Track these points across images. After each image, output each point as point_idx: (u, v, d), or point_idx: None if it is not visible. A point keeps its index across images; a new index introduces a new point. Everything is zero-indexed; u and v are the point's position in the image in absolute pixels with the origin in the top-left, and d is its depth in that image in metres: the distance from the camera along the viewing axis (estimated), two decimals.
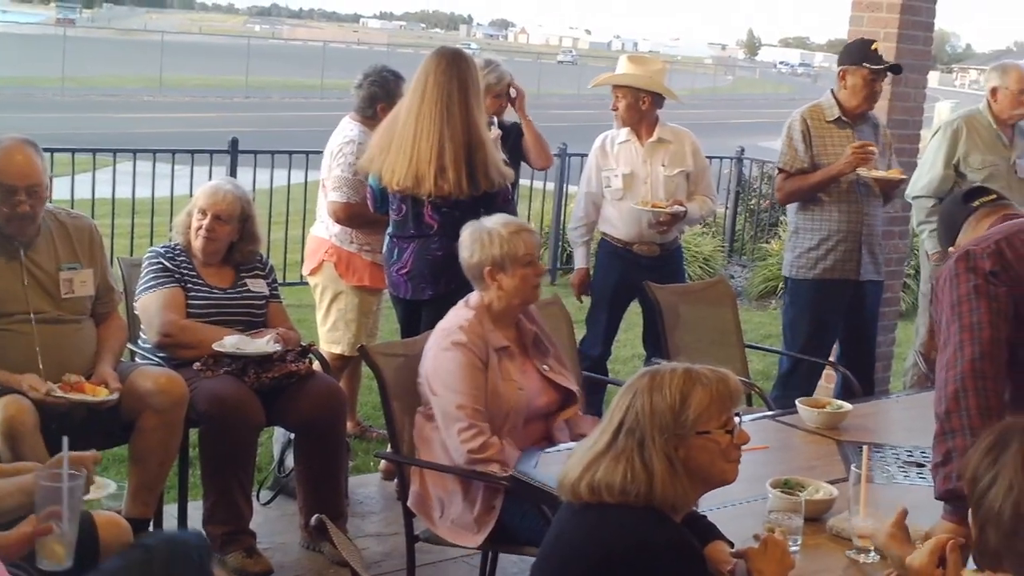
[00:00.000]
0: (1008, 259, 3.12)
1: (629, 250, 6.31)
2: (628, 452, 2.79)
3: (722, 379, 2.89)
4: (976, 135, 6.73)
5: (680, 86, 63.19)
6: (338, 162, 6.00)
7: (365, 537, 5.27)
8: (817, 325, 6.32)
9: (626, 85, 6.24)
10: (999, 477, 2.33)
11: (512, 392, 4.24)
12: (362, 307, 6.18)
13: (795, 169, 6.22)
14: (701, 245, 11.82)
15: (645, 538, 2.73)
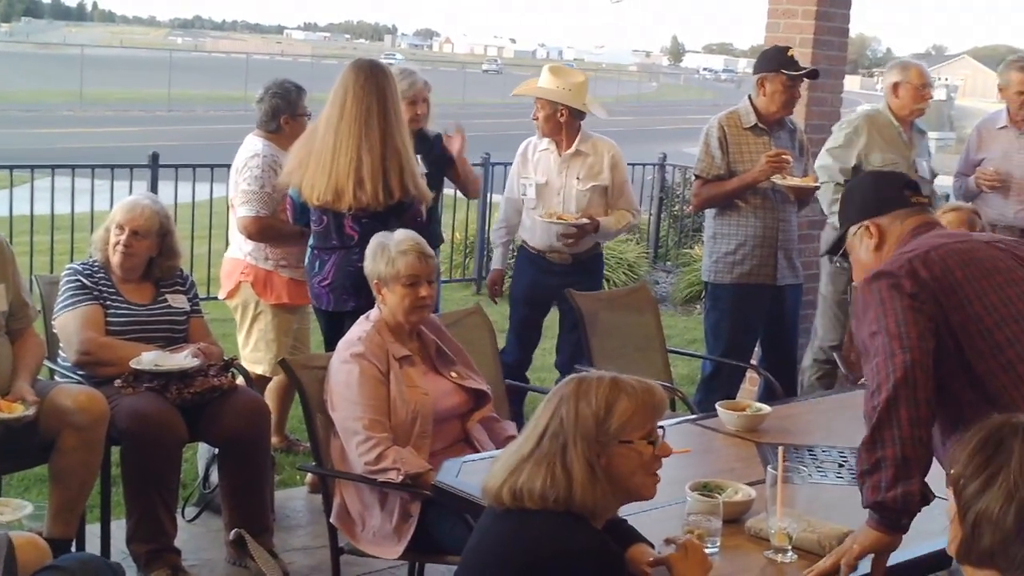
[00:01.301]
0: (923, 278, 3.11)
1: (543, 257, 6.35)
2: (551, 458, 2.81)
3: (648, 390, 2.91)
4: (877, 133, 6.80)
5: (605, 93, 63.61)
6: (244, 176, 5.95)
7: (292, 551, 5.25)
8: (738, 329, 6.39)
9: (544, 97, 6.26)
10: (998, 478, 2.34)
11: (417, 397, 4.28)
12: (282, 326, 6.14)
13: (711, 176, 6.29)
14: (625, 252, 11.86)
15: (564, 544, 2.75)
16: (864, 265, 3.43)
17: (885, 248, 3.39)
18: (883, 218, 3.43)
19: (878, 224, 3.41)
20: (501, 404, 5.02)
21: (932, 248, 3.20)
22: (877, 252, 3.40)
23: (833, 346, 6.94)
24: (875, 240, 3.42)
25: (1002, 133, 7.25)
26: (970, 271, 3.16)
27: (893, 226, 3.40)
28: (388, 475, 4.10)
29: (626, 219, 6.38)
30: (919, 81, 6.82)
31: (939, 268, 3.14)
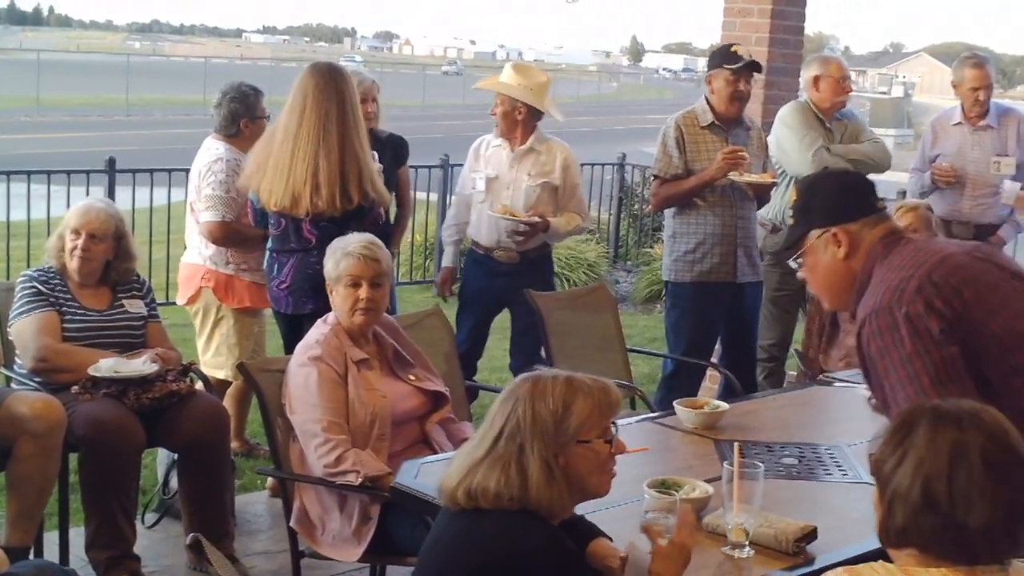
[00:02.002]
0: (940, 310, 3.01)
1: (490, 256, 6.35)
2: (507, 458, 2.82)
3: (603, 389, 2.92)
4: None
5: (565, 94, 63.65)
6: (208, 181, 5.93)
7: (253, 555, 5.24)
8: (698, 327, 6.41)
9: (504, 93, 6.28)
10: (907, 456, 2.40)
11: (375, 400, 4.29)
12: (243, 330, 6.13)
13: (669, 175, 6.31)
14: (585, 251, 11.90)
15: (519, 543, 2.76)
16: (827, 273, 3.37)
17: (855, 258, 3.31)
18: (852, 225, 3.32)
19: (848, 232, 3.32)
20: (460, 405, 5.02)
21: (932, 270, 3.10)
22: (846, 261, 3.32)
23: (772, 344, 6.96)
24: (844, 249, 3.32)
25: (956, 129, 7.31)
26: (975, 289, 3.09)
27: (863, 234, 3.31)
28: (347, 477, 4.10)
29: (575, 222, 6.38)
30: (839, 74, 6.86)
31: (949, 292, 3.05)
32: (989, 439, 2.39)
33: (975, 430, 2.40)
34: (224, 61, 71.56)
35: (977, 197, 7.17)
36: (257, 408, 6.44)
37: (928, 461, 2.37)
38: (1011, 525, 2.38)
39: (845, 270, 3.32)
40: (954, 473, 2.35)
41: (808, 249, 3.39)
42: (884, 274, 3.18)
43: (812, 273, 3.42)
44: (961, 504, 2.34)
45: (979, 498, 2.34)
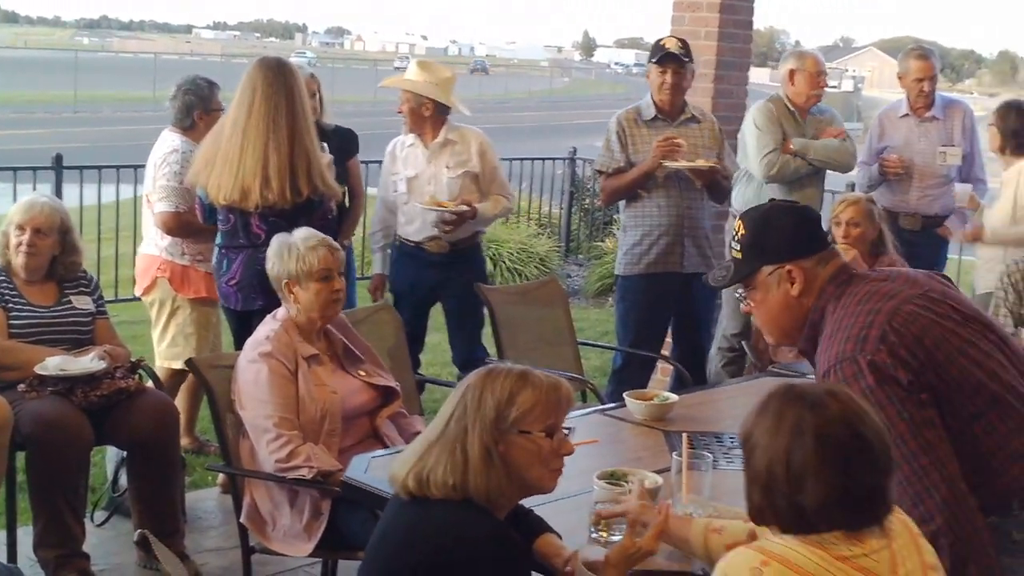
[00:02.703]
0: (905, 358, 2.96)
1: (421, 249, 6.33)
2: (451, 443, 2.83)
3: (554, 386, 2.91)
4: (784, 122, 6.93)
5: (517, 89, 63.64)
6: (162, 172, 5.96)
7: (204, 552, 5.22)
8: (647, 319, 6.44)
9: (410, 90, 6.27)
10: (761, 437, 2.50)
11: (325, 395, 4.28)
12: (200, 320, 6.13)
13: (611, 169, 6.34)
14: (536, 246, 11.92)
15: (463, 534, 2.76)
16: (778, 310, 3.29)
17: (808, 295, 3.24)
18: (806, 261, 3.25)
19: (802, 268, 3.24)
20: (412, 399, 5.04)
21: (890, 317, 3.02)
22: (799, 299, 3.25)
23: (736, 334, 7.02)
24: (799, 286, 3.24)
25: (903, 121, 7.36)
26: (934, 337, 3.02)
27: (816, 271, 3.24)
28: (299, 472, 4.10)
29: (502, 204, 6.40)
30: (815, 68, 6.94)
31: (911, 340, 2.98)
32: (829, 422, 2.46)
33: (818, 411, 2.47)
34: (174, 57, 71.05)
35: (924, 188, 7.22)
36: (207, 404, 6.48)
37: (774, 442, 2.47)
38: (845, 506, 2.44)
39: (797, 307, 3.25)
40: (791, 453, 2.44)
41: (757, 284, 3.31)
42: (841, 319, 3.11)
43: (760, 308, 3.34)
44: (794, 484, 2.43)
45: (809, 478, 2.42)
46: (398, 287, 6.46)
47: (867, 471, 2.43)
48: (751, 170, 6.87)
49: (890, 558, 2.43)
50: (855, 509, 2.43)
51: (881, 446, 2.46)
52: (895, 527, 2.50)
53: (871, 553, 2.41)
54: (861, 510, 2.43)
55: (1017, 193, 6.38)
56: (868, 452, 2.44)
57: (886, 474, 2.46)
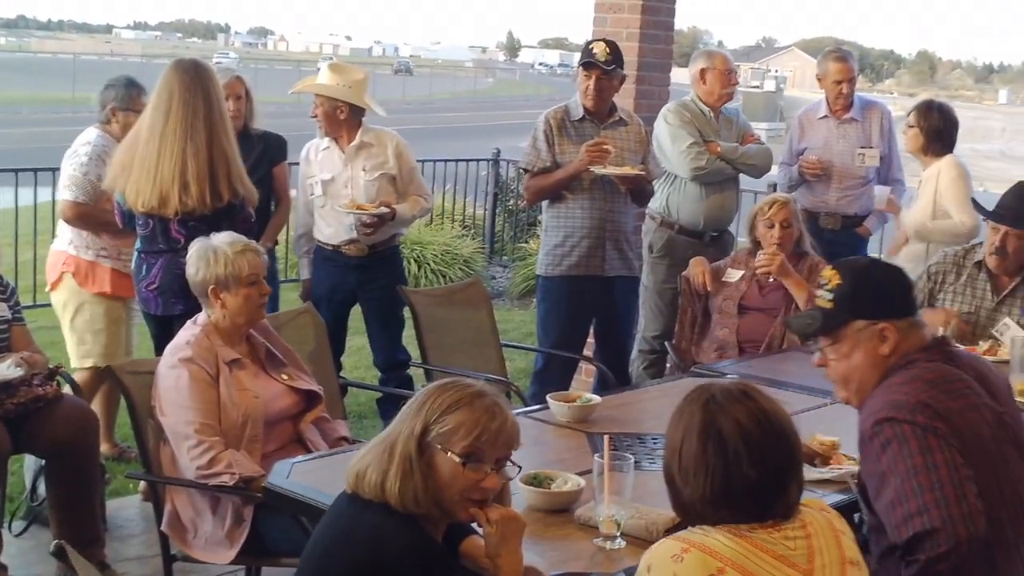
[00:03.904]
0: (944, 429, 3.01)
1: (339, 252, 6.32)
2: (384, 444, 2.85)
3: (497, 416, 2.85)
4: (697, 122, 6.97)
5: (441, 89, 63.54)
6: (71, 162, 5.95)
7: (125, 561, 5.17)
8: (567, 321, 6.46)
9: (323, 94, 6.25)
10: (680, 438, 2.65)
11: (247, 400, 4.25)
12: (109, 314, 6.07)
13: (537, 169, 6.35)
14: (461, 247, 11.90)
15: (386, 541, 2.76)
16: (862, 367, 3.28)
17: (893, 359, 3.25)
18: (900, 322, 3.27)
19: (896, 328, 3.25)
20: (335, 403, 5.01)
21: (939, 381, 3.11)
22: (886, 359, 3.25)
23: (657, 336, 7.05)
24: (889, 346, 3.25)
25: (822, 122, 7.43)
26: (978, 454, 3.05)
27: (907, 333, 3.26)
28: (221, 479, 4.06)
29: (420, 204, 6.40)
30: (724, 67, 7.00)
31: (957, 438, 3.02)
32: (716, 413, 2.60)
33: (721, 407, 2.61)
34: (94, 58, 70.28)
35: (843, 189, 7.29)
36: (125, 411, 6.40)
37: (674, 439, 2.65)
38: (779, 479, 2.56)
39: (883, 366, 3.24)
40: (682, 450, 2.61)
41: (844, 337, 3.29)
42: (899, 381, 3.14)
43: (841, 362, 3.32)
44: (684, 478, 2.60)
45: (695, 474, 2.58)
46: (318, 291, 6.41)
47: (753, 466, 2.53)
48: (672, 169, 6.91)
49: (807, 548, 2.51)
50: (741, 504, 2.52)
51: (773, 442, 2.56)
52: (816, 521, 2.57)
53: (788, 541, 2.49)
54: (749, 504, 2.52)
55: (937, 192, 6.46)
56: (755, 448, 2.53)
57: (780, 471, 2.55)
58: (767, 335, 5.86)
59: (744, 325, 5.95)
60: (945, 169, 6.58)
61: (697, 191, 6.93)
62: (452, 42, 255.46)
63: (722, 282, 6.12)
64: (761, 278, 5.95)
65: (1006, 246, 5.44)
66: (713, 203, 6.99)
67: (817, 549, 2.52)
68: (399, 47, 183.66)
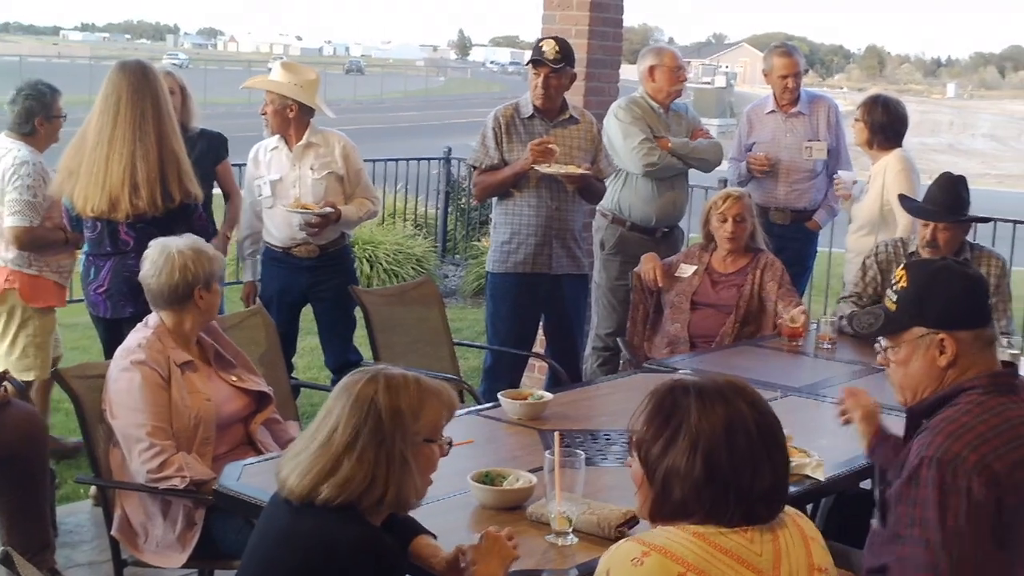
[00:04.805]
0: (1003, 486, 2.89)
1: (288, 254, 6.30)
2: (365, 453, 2.83)
3: (442, 394, 2.96)
4: (647, 119, 6.99)
5: (393, 88, 63.40)
6: (14, 185, 5.80)
7: (76, 567, 5.12)
8: (516, 318, 6.45)
9: (274, 91, 6.23)
10: (679, 435, 2.49)
11: (200, 403, 4.22)
12: (47, 328, 6.07)
13: (485, 166, 6.34)
14: (413, 246, 11.88)
15: (335, 539, 2.76)
16: (919, 375, 3.16)
17: (952, 371, 3.11)
18: (964, 334, 3.10)
19: (957, 340, 3.10)
20: (286, 404, 4.99)
21: (1001, 434, 2.96)
22: (944, 370, 3.12)
23: (610, 333, 7.07)
24: (947, 358, 3.10)
25: (770, 118, 7.48)
26: None
27: (971, 349, 3.10)
28: (172, 482, 4.03)
29: (366, 207, 6.39)
30: (673, 63, 7.03)
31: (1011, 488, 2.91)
32: (753, 407, 2.53)
33: (740, 400, 2.53)
34: (41, 60, 69.52)
35: (792, 183, 7.34)
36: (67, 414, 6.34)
37: (705, 435, 2.47)
38: (786, 483, 2.54)
39: (939, 377, 3.13)
40: (732, 443, 2.47)
41: (904, 342, 3.17)
42: (974, 426, 2.98)
43: (899, 367, 3.20)
44: (745, 472, 2.46)
45: (760, 462, 2.47)
46: (268, 293, 6.38)
47: (769, 469, 2.48)
48: (623, 166, 6.92)
49: (774, 552, 2.46)
50: (717, 505, 2.46)
51: (758, 448, 2.49)
52: (786, 525, 2.52)
53: (751, 545, 2.44)
54: (725, 506, 2.46)
55: (884, 187, 6.50)
56: (737, 453, 2.47)
57: (763, 476, 2.48)
58: (719, 330, 5.89)
59: (696, 320, 5.97)
60: (892, 163, 6.62)
61: (648, 188, 6.95)
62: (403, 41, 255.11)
63: (674, 277, 6.14)
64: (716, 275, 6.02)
65: (937, 239, 5.54)
66: (664, 199, 7.01)
67: (784, 554, 2.47)
68: (350, 47, 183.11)
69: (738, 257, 6.04)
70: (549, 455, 3.27)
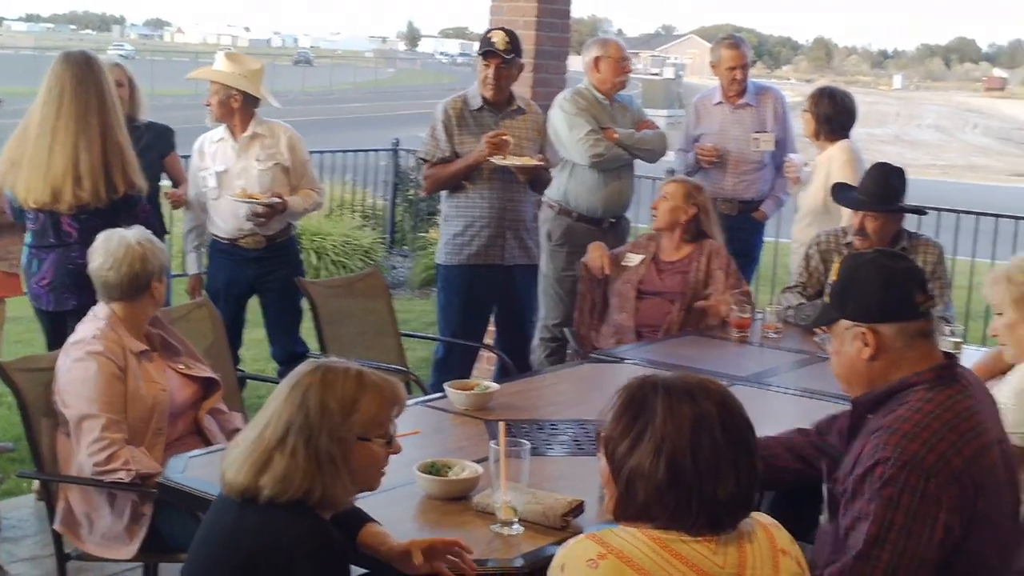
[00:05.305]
0: (963, 480, 2.93)
1: (235, 245, 6.29)
2: (295, 449, 2.80)
3: (391, 388, 2.93)
4: (592, 110, 7.01)
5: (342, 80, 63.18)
6: None
7: (19, 562, 5.08)
8: (468, 309, 6.46)
9: (219, 81, 6.22)
10: (645, 435, 2.44)
11: (155, 393, 4.21)
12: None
13: (436, 158, 6.33)
14: (361, 238, 11.83)
15: (281, 534, 2.75)
16: (848, 365, 3.21)
17: (879, 363, 3.14)
18: (884, 327, 3.13)
19: (877, 334, 3.13)
20: (233, 396, 4.97)
21: (961, 436, 2.98)
22: (869, 363, 3.15)
23: (557, 323, 7.09)
24: (870, 351, 3.14)
25: (717, 109, 7.51)
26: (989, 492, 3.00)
27: (895, 343, 3.13)
28: (117, 475, 4.00)
29: (312, 198, 6.41)
30: (618, 55, 7.04)
31: (970, 486, 2.93)
32: (722, 408, 2.48)
33: (708, 401, 2.48)
34: None
35: (739, 174, 7.37)
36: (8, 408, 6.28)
37: (669, 437, 2.43)
38: (752, 490, 2.48)
39: (867, 370, 3.16)
40: (697, 447, 2.42)
41: (835, 334, 3.23)
42: (927, 424, 3.00)
43: (835, 357, 3.26)
44: (708, 476, 2.41)
45: (725, 467, 2.42)
46: (214, 285, 6.36)
47: (701, 479, 2.43)
48: (569, 157, 6.94)
49: (738, 564, 2.42)
50: (680, 510, 2.42)
51: (723, 452, 2.45)
52: (755, 536, 2.48)
53: (713, 556, 2.40)
54: (688, 512, 2.42)
55: (828, 177, 6.55)
56: (701, 457, 2.43)
57: (727, 482, 2.43)
58: (665, 319, 5.91)
59: (642, 310, 5.99)
60: (836, 154, 6.68)
61: (594, 178, 6.97)
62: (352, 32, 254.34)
63: (621, 266, 6.16)
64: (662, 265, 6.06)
65: (865, 227, 5.62)
66: (611, 190, 7.03)
67: (749, 567, 2.42)
68: (299, 38, 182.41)
69: (683, 244, 6.07)
70: (495, 445, 3.28)
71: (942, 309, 5.59)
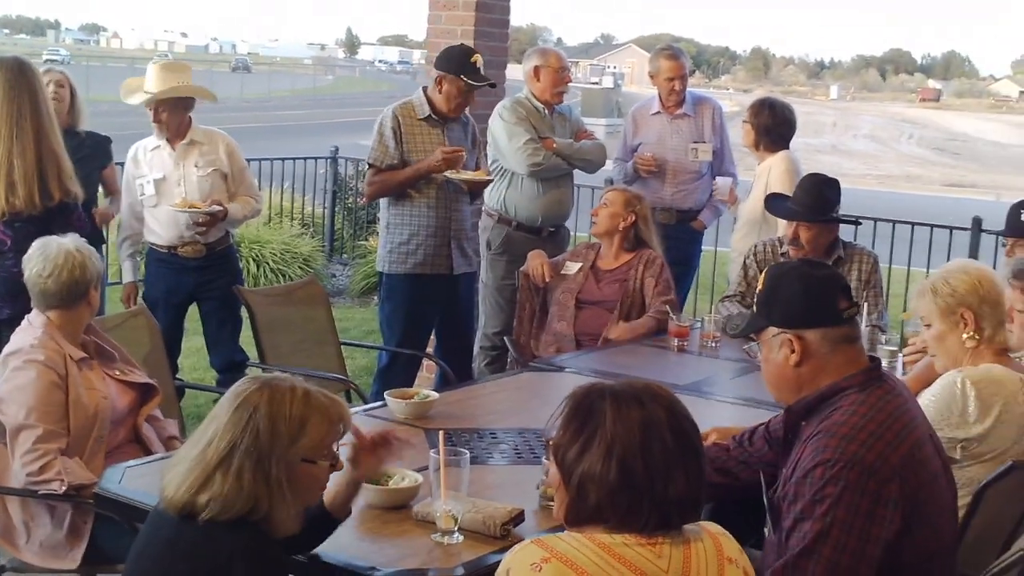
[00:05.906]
0: (902, 476, 2.98)
1: (174, 254, 6.26)
2: (239, 470, 2.74)
3: (331, 409, 2.88)
4: (532, 119, 7.03)
5: (280, 87, 62.90)
6: None
7: None
8: (412, 319, 6.45)
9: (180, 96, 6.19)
10: (595, 439, 2.47)
11: (96, 400, 4.19)
12: None
13: (385, 165, 6.32)
14: (300, 246, 11.78)
15: (219, 549, 2.71)
16: (776, 371, 3.25)
17: (806, 369, 3.18)
18: (809, 333, 3.18)
19: (802, 340, 3.18)
20: (171, 405, 4.95)
21: (903, 441, 3.03)
22: (796, 369, 3.19)
23: (497, 332, 7.10)
24: (796, 357, 3.18)
25: (656, 119, 7.54)
26: (929, 491, 3.06)
27: (820, 348, 3.17)
28: (51, 486, 3.97)
29: (251, 205, 6.41)
30: (558, 64, 7.07)
31: (912, 486, 2.99)
32: (670, 412, 2.52)
33: (655, 405, 2.51)
34: None
35: (678, 184, 7.41)
36: None
37: (620, 440, 2.46)
38: (700, 492, 2.52)
39: (795, 376, 3.20)
40: (647, 449, 2.45)
41: (763, 341, 3.28)
42: (864, 426, 3.04)
43: (764, 364, 3.31)
44: (659, 477, 2.45)
45: (675, 468, 2.46)
46: (153, 294, 6.30)
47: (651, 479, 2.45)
48: (509, 166, 6.96)
49: (682, 569, 2.43)
50: (632, 511, 2.45)
51: (673, 454, 2.47)
52: (702, 542, 2.50)
53: (658, 560, 2.42)
54: (640, 512, 2.44)
55: (767, 188, 6.61)
56: (652, 459, 2.45)
57: (677, 482, 2.46)
58: (603, 328, 5.93)
59: (581, 318, 6.02)
60: (775, 164, 6.75)
61: (534, 188, 6.99)
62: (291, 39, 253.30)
63: (561, 275, 6.19)
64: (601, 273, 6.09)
65: (799, 237, 5.72)
66: (550, 199, 7.05)
67: (694, 571, 2.44)
68: (236, 44, 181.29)
69: (622, 253, 6.11)
70: (434, 454, 3.28)
71: (877, 317, 5.66)
